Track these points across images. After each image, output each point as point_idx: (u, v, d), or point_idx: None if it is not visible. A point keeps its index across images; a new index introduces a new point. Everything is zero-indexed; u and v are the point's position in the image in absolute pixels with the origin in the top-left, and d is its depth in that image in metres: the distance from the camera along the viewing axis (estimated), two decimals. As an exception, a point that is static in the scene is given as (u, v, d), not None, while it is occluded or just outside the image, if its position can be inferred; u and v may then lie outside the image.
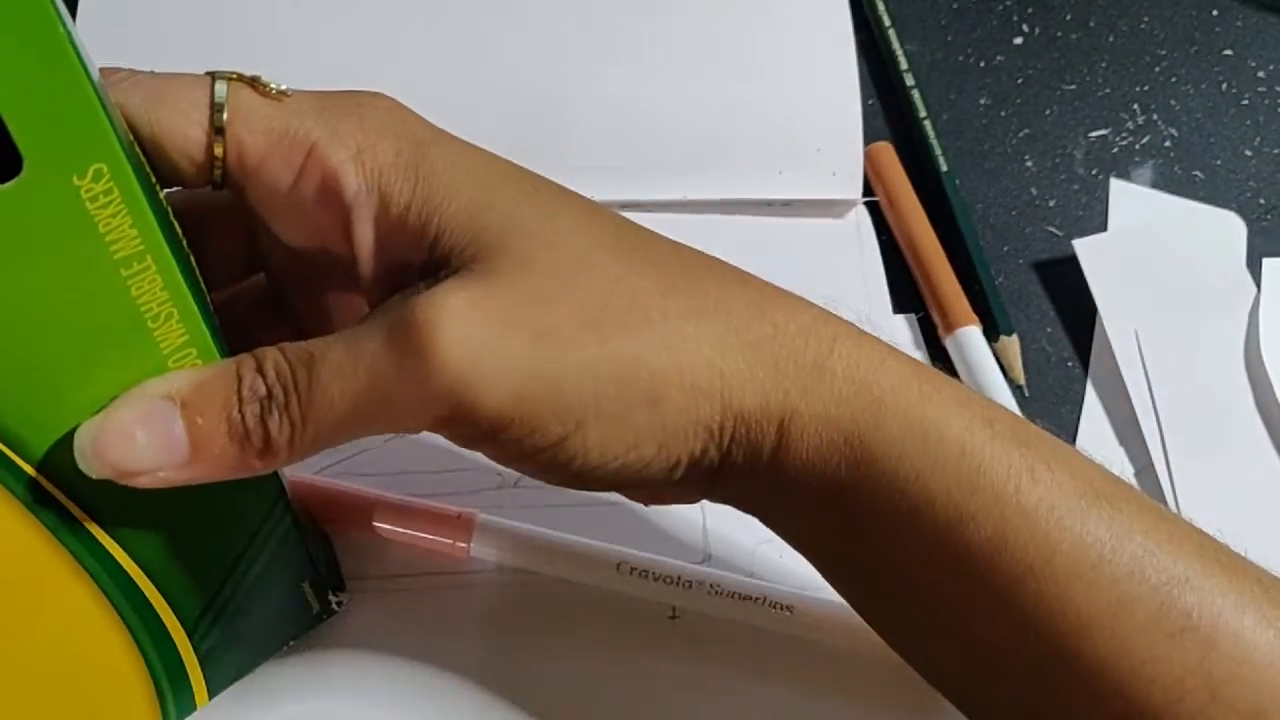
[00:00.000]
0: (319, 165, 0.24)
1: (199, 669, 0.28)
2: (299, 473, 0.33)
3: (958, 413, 0.24)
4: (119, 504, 0.24)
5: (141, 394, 0.23)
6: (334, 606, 0.31)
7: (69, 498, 0.24)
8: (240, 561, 0.27)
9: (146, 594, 0.26)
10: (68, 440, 0.23)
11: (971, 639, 0.24)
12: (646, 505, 0.28)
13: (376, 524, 0.33)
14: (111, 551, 0.25)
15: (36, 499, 0.24)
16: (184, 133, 0.24)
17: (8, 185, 0.20)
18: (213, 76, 0.24)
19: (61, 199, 0.21)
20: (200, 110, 0.24)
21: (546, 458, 0.24)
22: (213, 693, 0.29)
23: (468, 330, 0.22)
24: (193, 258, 0.25)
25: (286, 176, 0.24)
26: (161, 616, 0.27)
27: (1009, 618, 0.23)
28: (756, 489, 0.25)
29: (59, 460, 0.23)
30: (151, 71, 0.24)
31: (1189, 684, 0.22)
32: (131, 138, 0.23)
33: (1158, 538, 0.23)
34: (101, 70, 0.23)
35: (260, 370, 0.23)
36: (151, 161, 0.24)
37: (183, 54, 0.40)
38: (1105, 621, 0.22)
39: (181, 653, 0.28)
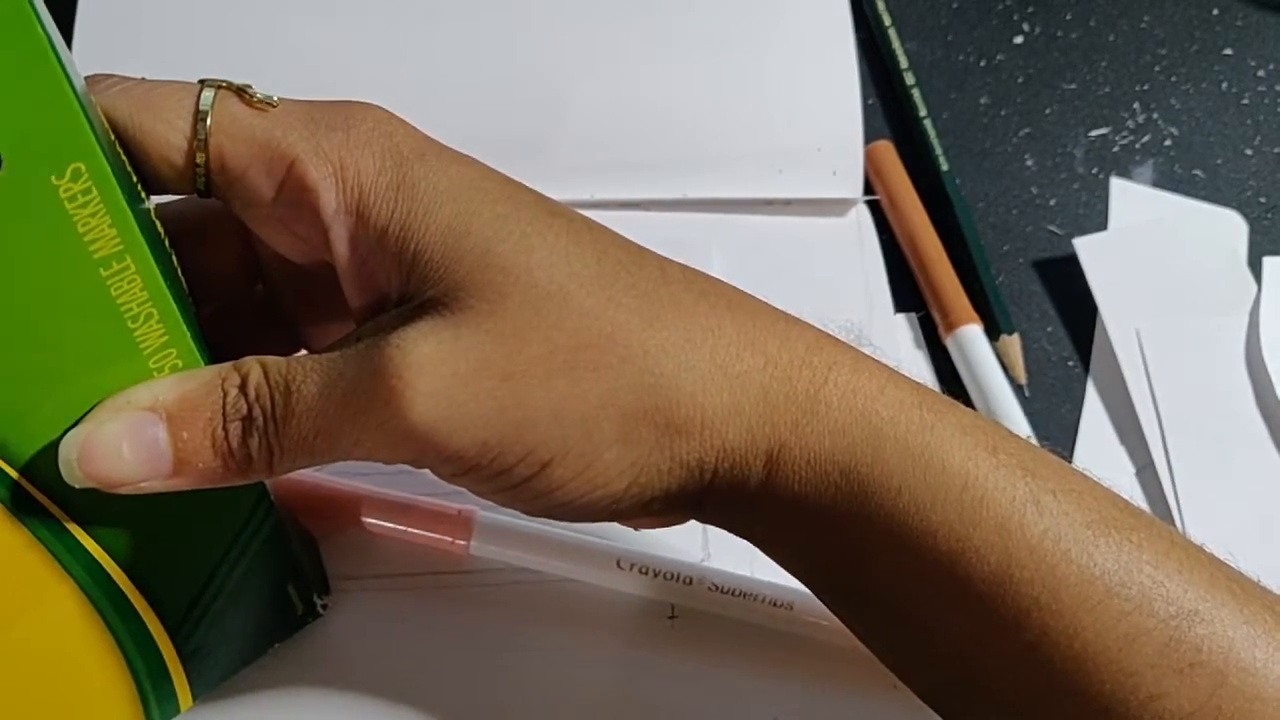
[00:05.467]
0: (299, 180, 0.24)
1: (182, 671, 0.28)
2: (305, 473, 0.33)
3: (960, 441, 0.23)
4: (100, 505, 0.24)
5: (126, 404, 0.23)
6: (319, 609, 0.31)
7: (50, 499, 0.24)
8: (223, 563, 0.27)
9: (127, 594, 0.26)
10: (49, 442, 0.23)
11: (976, 670, 0.24)
12: (636, 530, 0.28)
13: (375, 522, 0.33)
14: (92, 552, 0.25)
15: (18, 502, 0.24)
16: (167, 140, 0.24)
17: None
18: (202, 85, 0.24)
19: (39, 198, 0.21)
20: (185, 119, 0.24)
21: (515, 494, 0.24)
22: (196, 695, 0.29)
23: (435, 383, 0.22)
24: (175, 257, 0.25)
25: (268, 188, 0.24)
26: (143, 616, 0.26)
27: (1014, 650, 0.23)
28: (745, 519, 0.25)
29: (40, 462, 0.23)
30: (142, 79, 0.24)
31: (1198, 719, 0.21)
32: (113, 139, 0.23)
33: (1168, 568, 0.22)
34: (91, 77, 0.24)
35: (243, 389, 0.23)
36: (137, 167, 0.24)
37: (180, 54, 0.40)
38: (1112, 656, 0.22)
39: (164, 654, 0.27)
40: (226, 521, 0.27)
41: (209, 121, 0.24)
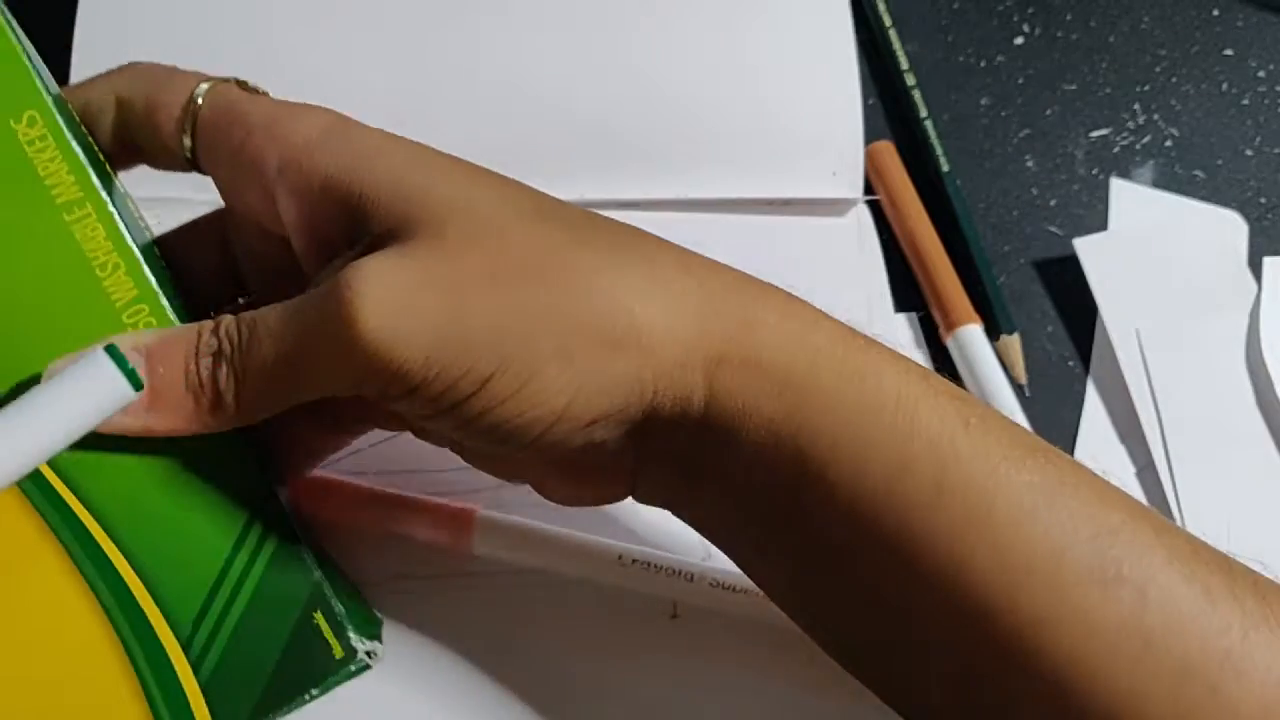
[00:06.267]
0: (251, 146, 0.26)
1: (202, 702, 0.27)
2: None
3: (892, 365, 0.24)
4: (94, 470, 0.25)
5: (115, 342, 0.25)
6: (363, 656, 0.28)
7: (52, 468, 0.25)
8: (231, 567, 0.27)
9: (130, 586, 0.26)
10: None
11: (902, 609, 0.24)
12: (567, 502, 0.28)
13: (378, 519, 0.33)
14: (94, 534, 0.25)
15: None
16: (170, 111, 0.27)
17: None
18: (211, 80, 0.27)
19: (1, 140, 0.25)
20: (186, 95, 0.27)
21: (457, 415, 0.24)
22: None
23: (381, 294, 0.23)
24: (151, 232, 0.28)
25: (230, 155, 0.26)
26: (149, 617, 0.26)
27: (948, 568, 0.23)
28: (688, 449, 0.25)
29: None
30: (172, 66, 0.28)
31: (1124, 633, 0.22)
32: (70, 109, 0.27)
33: (1089, 493, 0.23)
34: (131, 64, 0.28)
35: (215, 330, 0.25)
36: (139, 133, 0.27)
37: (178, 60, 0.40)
38: (1043, 574, 0.22)
39: (178, 671, 0.26)
40: (229, 511, 0.27)
41: (201, 100, 0.26)
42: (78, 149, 0.26)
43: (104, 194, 0.26)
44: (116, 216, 0.26)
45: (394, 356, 0.23)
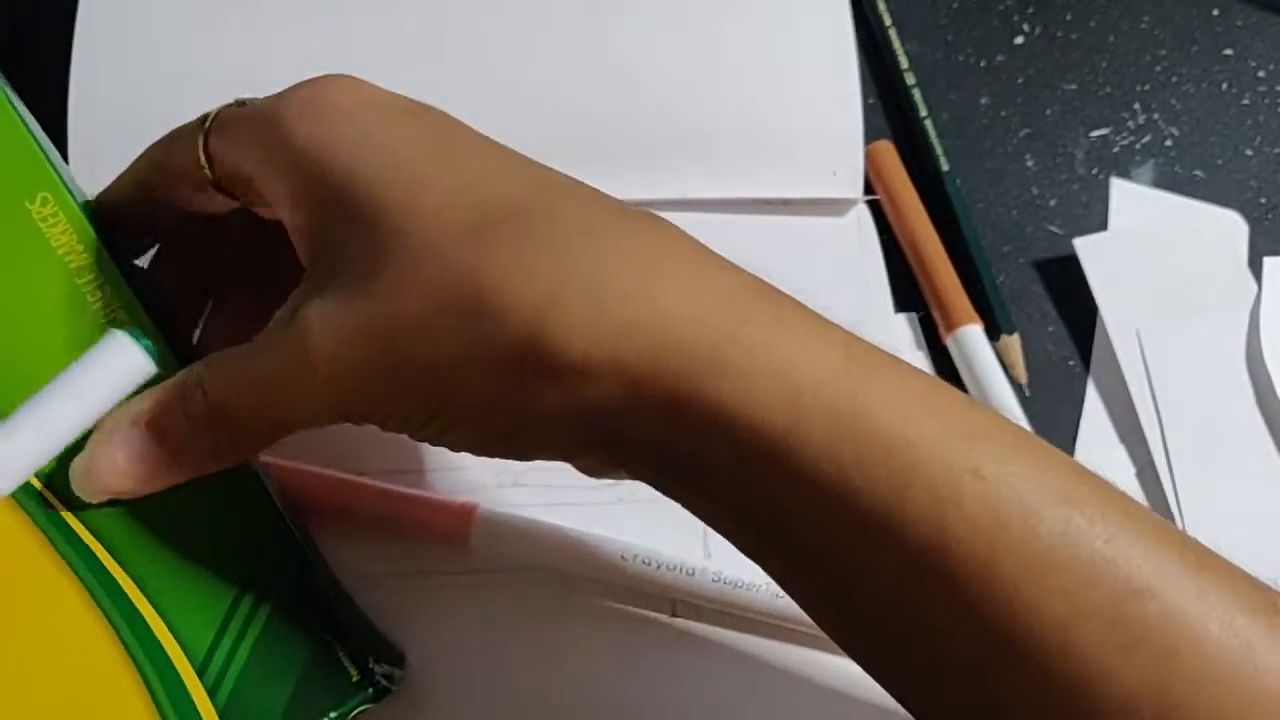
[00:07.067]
0: (240, 146, 0.27)
1: None
2: (306, 466, 0.33)
3: (893, 402, 0.22)
4: (110, 509, 0.26)
5: (115, 424, 0.26)
6: (380, 679, 0.29)
7: (53, 492, 0.26)
8: (245, 593, 0.27)
9: (145, 615, 0.26)
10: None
11: (910, 632, 0.22)
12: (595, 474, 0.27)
13: (378, 514, 0.33)
14: (107, 565, 0.26)
15: (37, 503, 0.26)
16: (186, 152, 0.28)
17: None
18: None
19: (18, 220, 0.28)
20: (198, 129, 0.28)
21: (427, 436, 0.25)
22: None
23: (330, 348, 0.24)
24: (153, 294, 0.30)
25: (232, 165, 0.27)
26: (164, 644, 0.26)
27: (951, 616, 0.21)
28: (665, 479, 0.24)
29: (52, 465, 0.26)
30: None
31: (1141, 700, 0.20)
32: (78, 186, 0.29)
33: (1120, 543, 0.21)
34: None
35: (200, 382, 0.26)
36: (171, 179, 0.29)
37: (178, 65, 0.40)
38: (1054, 630, 0.21)
39: (194, 697, 0.27)
40: (241, 539, 0.28)
41: (208, 125, 0.27)
42: (87, 222, 0.28)
43: (112, 260, 0.28)
44: (121, 276, 0.28)
45: (352, 404, 0.25)
